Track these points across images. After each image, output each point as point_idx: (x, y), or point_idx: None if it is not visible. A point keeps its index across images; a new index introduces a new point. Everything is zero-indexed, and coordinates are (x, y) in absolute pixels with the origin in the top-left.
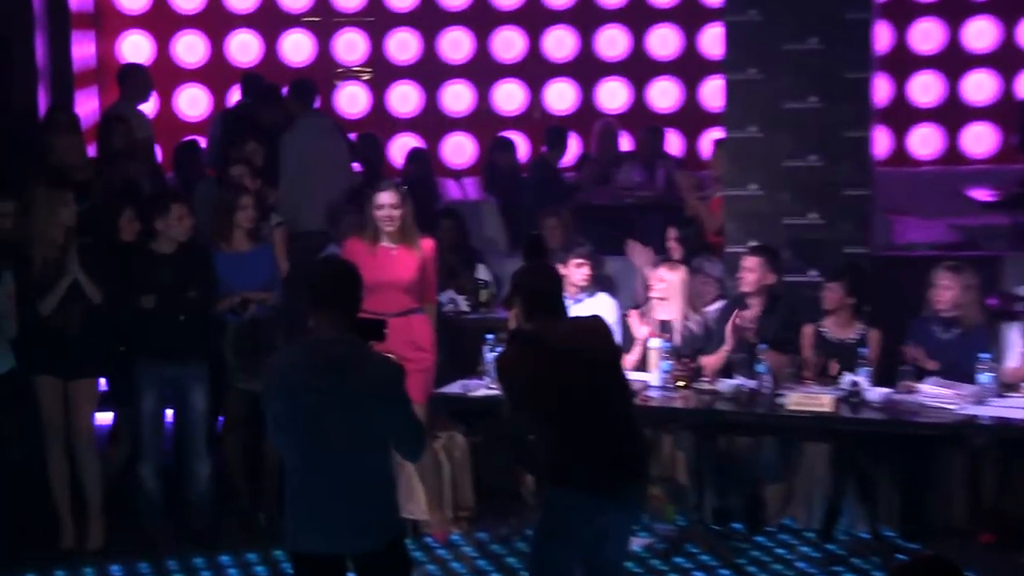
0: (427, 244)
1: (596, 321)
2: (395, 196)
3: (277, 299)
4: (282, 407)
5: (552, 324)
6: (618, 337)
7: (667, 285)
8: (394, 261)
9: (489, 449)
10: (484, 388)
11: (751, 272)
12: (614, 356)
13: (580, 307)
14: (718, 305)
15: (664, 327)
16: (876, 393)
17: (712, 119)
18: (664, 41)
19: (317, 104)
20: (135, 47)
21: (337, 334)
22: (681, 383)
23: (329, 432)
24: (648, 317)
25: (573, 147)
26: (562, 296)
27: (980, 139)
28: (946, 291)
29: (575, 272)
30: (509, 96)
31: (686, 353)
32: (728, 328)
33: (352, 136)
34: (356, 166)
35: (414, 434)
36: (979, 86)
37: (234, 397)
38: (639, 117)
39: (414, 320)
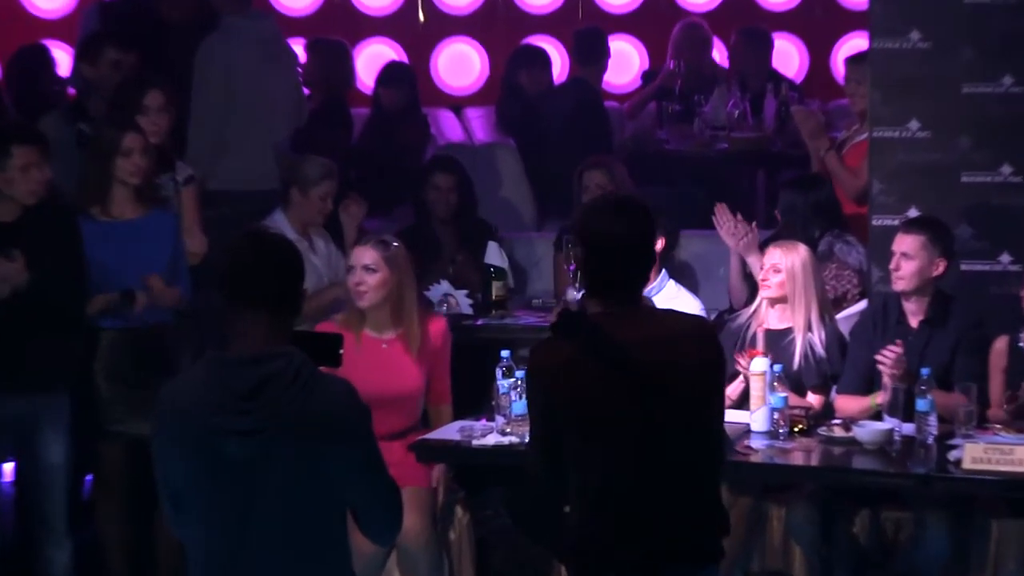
0: (435, 327)
1: (699, 325)
2: (374, 254)
3: (182, 296)
4: (183, 462)
5: (627, 313)
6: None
7: (783, 276)
8: (388, 362)
9: (503, 526)
10: (495, 434)
11: (909, 259)
12: (714, 388)
13: None
14: (858, 308)
15: (776, 341)
16: None
17: (851, 21)
18: None
19: None
20: None
21: (269, 347)
22: (799, 427)
23: (256, 501)
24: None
25: (634, 63)
26: (649, 266)
27: None
28: None
29: None
30: None
31: (810, 382)
32: (885, 375)
33: (298, 44)
34: (305, 91)
35: (387, 503)
36: None
37: (109, 446)
38: (737, 17)
39: (412, 439)
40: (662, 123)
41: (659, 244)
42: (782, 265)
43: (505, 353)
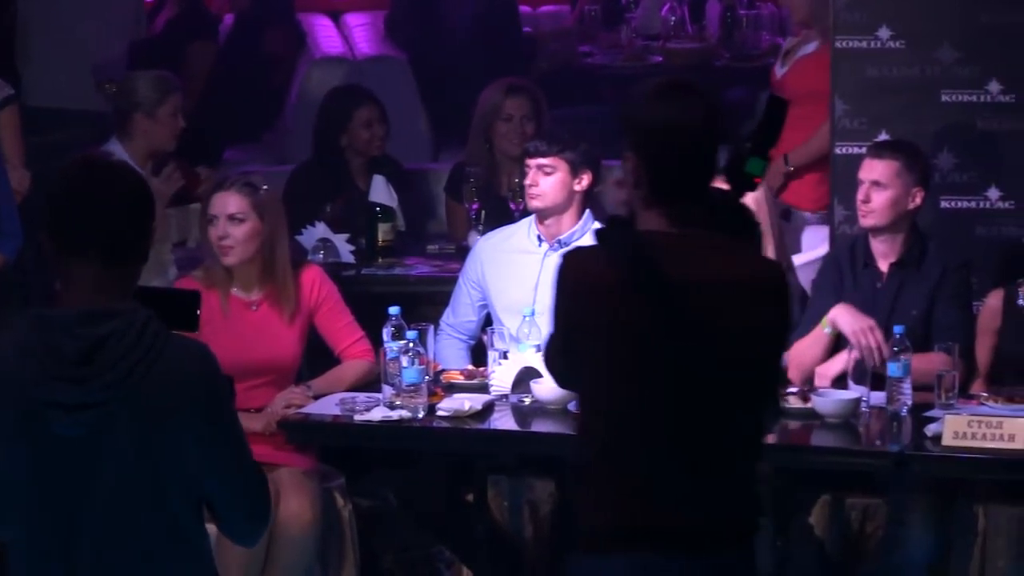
0: (306, 278)
1: (772, 274)
2: (240, 201)
3: (7, 256)
4: (1, 444)
5: (689, 240)
6: None
7: None
8: (257, 326)
9: (394, 520)
10: (382, 408)
11: (882, 189)
12: (771, 353)
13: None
14: (819, 253)
15: None
16: None
17: None
18: None
19: None
20: None
21: (106, 303)
22: None
23: (91, 491)
24: None
25: None
26: (714, 169)
27: None
28: None
29: (532, 181)
30: None
31: None
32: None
33: None
34: None
35: (251, 492)
36: None
37: None
38: None
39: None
40: (583, 32)
41: (584, 182)
42: None
43: (394, 310)
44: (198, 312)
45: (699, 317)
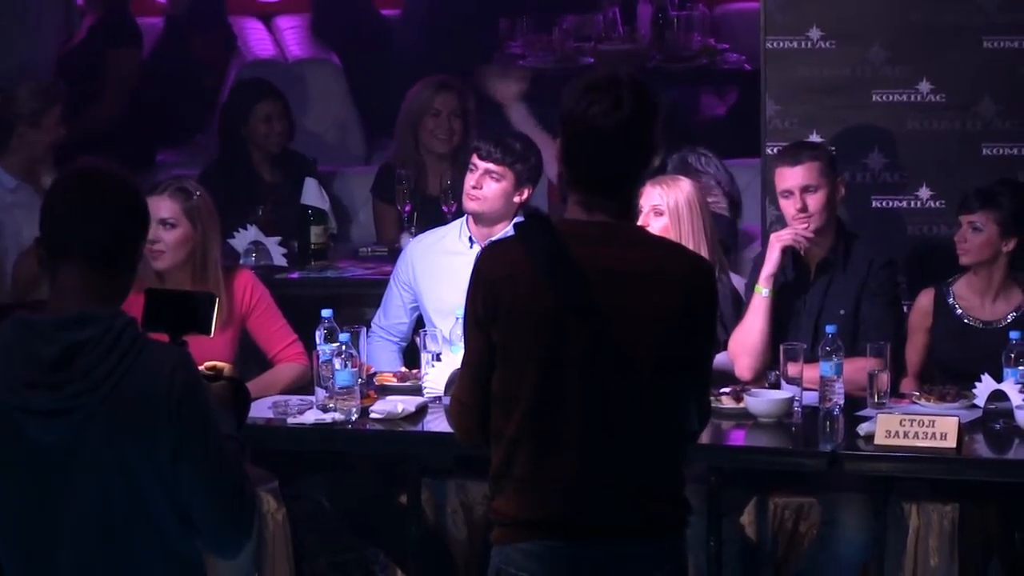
0: (239, 284)
1: (691, 266)
2: (172, 206)
3: None
4: None
5: (604, 230)
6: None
7: (666, 220)
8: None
9: (327, 524)
10: (315, 411)
11: (814, 192)
12: (685, 346)
13: None
14: (750, 254)
15: None
16: None
17: None
18: None
19: None
20: None
21: (88, 309)
22: None
23: (67, 501)
24: None
25: None
26: (642, 164)
27: None
28: None
29: (477, 183)
30: None
31: None
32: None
33: None
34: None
35: (228, 503)
36: None
37: None
38: None
39: None
40: (514, 33)
41: (524, 195)
42: (664, 206)
43: (326, 312)
44: (214, 315)
45: (608, 310)
